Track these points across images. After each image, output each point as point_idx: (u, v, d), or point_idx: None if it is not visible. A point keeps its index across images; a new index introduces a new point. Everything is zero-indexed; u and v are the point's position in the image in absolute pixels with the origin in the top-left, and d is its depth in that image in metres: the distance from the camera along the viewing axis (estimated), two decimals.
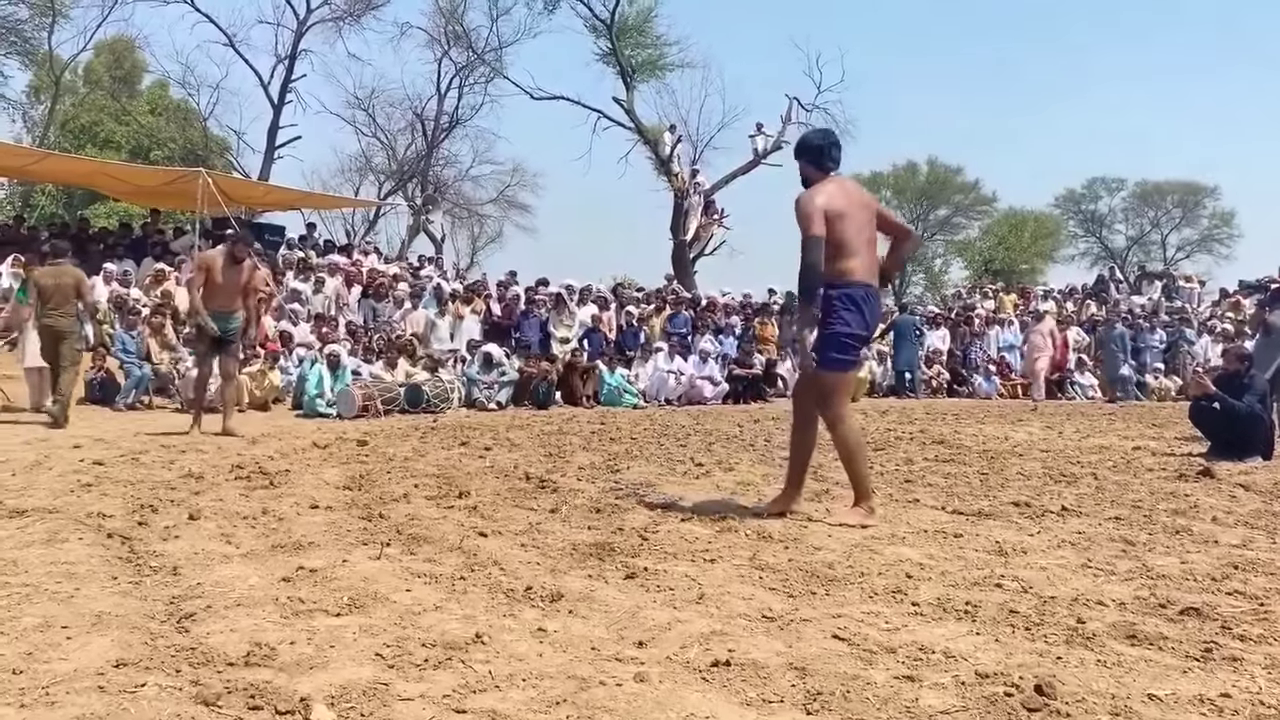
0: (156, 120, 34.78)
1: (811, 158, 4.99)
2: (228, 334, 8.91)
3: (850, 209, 4.89)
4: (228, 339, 8.94)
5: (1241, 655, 2.91)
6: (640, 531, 4.58)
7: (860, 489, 5.04)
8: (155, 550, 4.04)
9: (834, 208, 4.80)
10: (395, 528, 4.57)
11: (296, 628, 3.01)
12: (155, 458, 6.92)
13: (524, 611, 3.23)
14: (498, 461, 7.12)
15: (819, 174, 4.96)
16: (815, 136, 5.17)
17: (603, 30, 29.25)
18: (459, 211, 39.07)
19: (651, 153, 29.90)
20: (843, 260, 4.81)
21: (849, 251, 4.83)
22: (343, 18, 32.00)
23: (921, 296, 39.85)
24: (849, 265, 4.84)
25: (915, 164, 45.34)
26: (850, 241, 4.83)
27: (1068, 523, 5.13)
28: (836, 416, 4.96)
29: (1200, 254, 44.24)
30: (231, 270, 8.80)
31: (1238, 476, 7.00)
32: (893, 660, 2.82)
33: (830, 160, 4.98)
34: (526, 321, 15.68)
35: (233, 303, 8.88)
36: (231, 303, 8.88)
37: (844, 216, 4.82)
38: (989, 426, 11.33)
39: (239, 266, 8.86)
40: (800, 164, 5.04)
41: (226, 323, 8.87)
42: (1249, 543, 4.70)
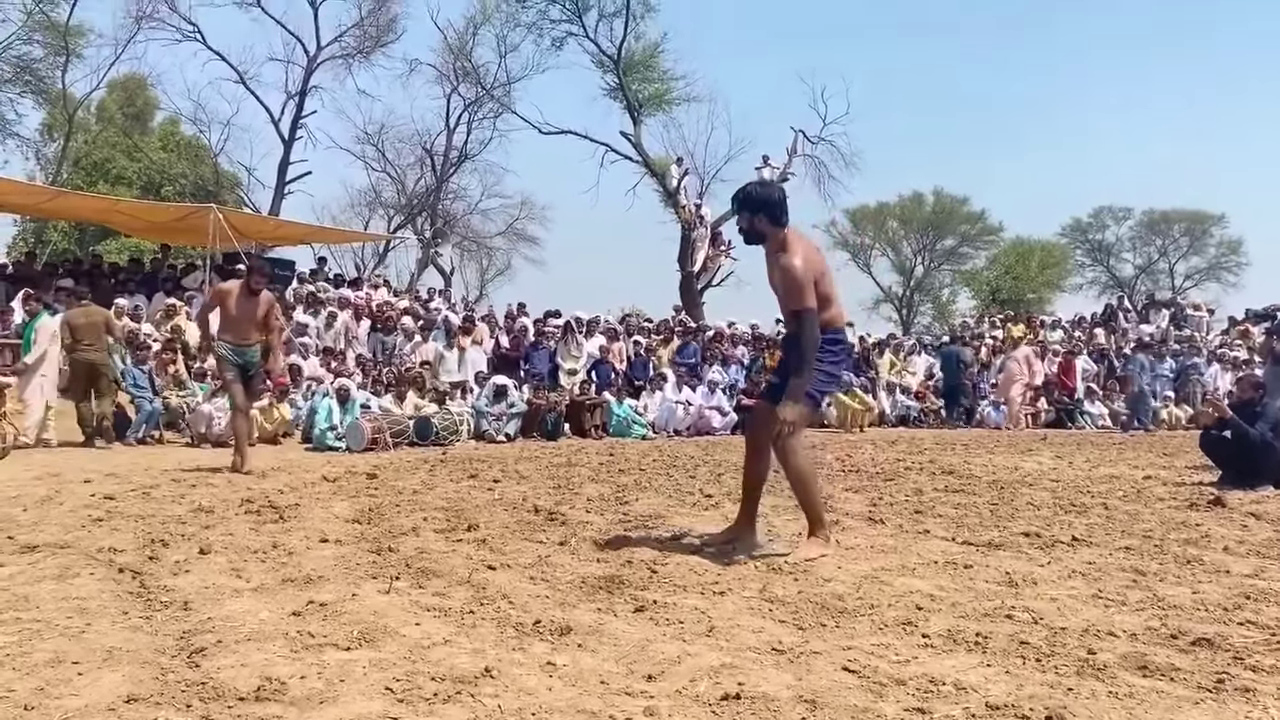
0: (168, 156, 35.12)
1: (771, 212, 4.84)
2: (247, 366, 8.69)
3: (820, 263, 4.90)
4: (247, 371, 8.71)
5: (1254, 686, 2.90)
6: (649, 564, 4.57)
7: (814, 518, 4.98)
8: (166, 585, 4.05)
9: (814, 269, 4.79)
10: (405, 561, 4.57)
11: (307, 661, 3.02)
12: (166, 492, 6.94)
13: (533, 645, 3.23)
14: (506, 494, 7.13)
15: (776, 229, 4.85)
16: (773, 190, 5.05)
17: (610, 66, 29.50)
18: (468, 244, 39.34)
19: (659, 185, 30.07)
20: (826, 312, 4.82)
21: (829, 303, 4.85)
22: (352, 55, 32.38)
23: (929, 326, 39.81)
24: (831, 315, 4.87)
25: (921, 194, 45.51)
26: (828, 294, 4.84)
27: (1078, 553, 5.11)
28: (791, 449, 4.85)
29: (1208, 282, 44.24)
30: (248, 302, 8.59)
31: (1249, 505, 6.96)
32: (903, 692, 2.81)
33: (786, 214, 4.88)
34: (535, 353, 15.73)
35: (249, 334, 8.65)
36: (247, 334, 8.64)
37: (822, 274, 4.85)
38: (998, 456, 11.29)
39: (255, 298, 8.63)
40: (754, 220, 4.86)
41: (243, 355, 8.64)
42: (1261, 572, 4.68)
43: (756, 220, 4.86)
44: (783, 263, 4.74)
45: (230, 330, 8.57)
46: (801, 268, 4.70)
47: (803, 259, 4.73)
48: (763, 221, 4.85)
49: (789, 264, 4.71)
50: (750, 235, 4.95)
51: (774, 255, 4.85)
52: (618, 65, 29.10)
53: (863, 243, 46.32)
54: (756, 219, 4.86)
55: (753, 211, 4.86)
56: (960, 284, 46.98)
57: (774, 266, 4.86)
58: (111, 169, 34.15)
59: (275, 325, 9.00)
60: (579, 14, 29.49)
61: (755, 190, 4.99)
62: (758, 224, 4.86)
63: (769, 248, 4.90)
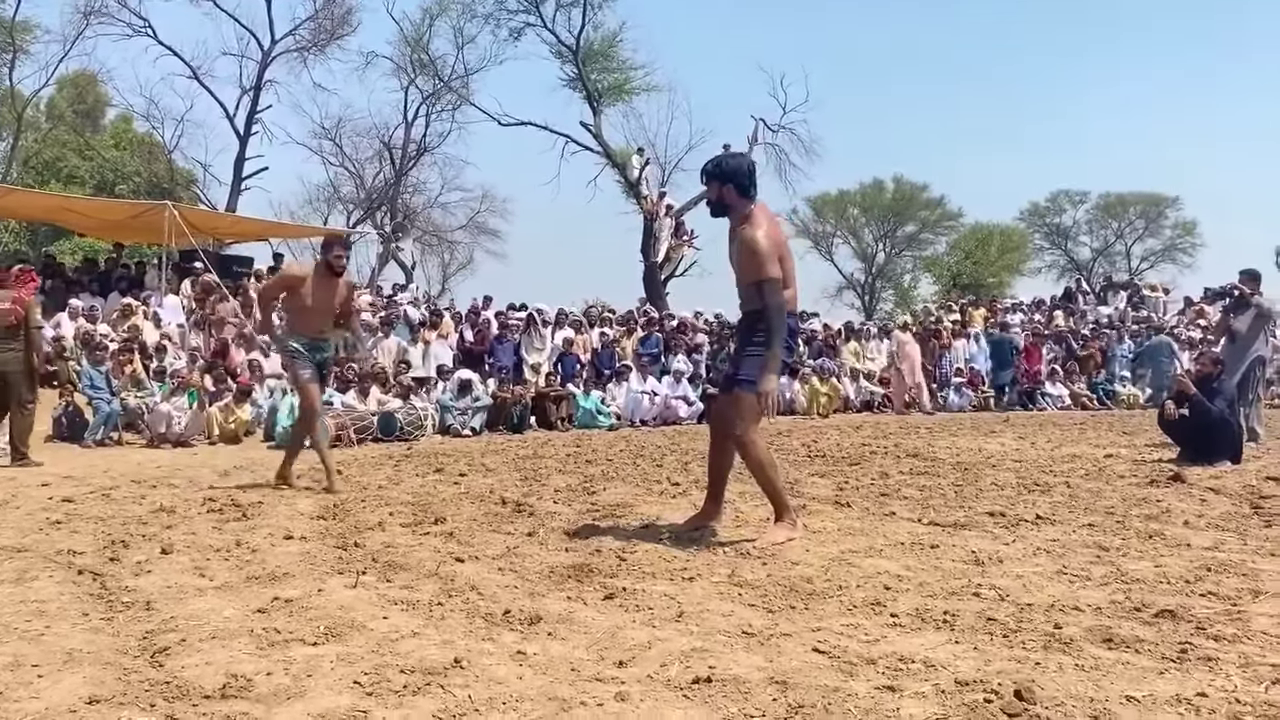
0: (121, 154, 34.55)
1: (739, 183, 4.81)
2: (324, 363, 7.38)
3: (783, 242, 4.90)
4: (323, 369, 7.40)
5: (1216, 655, 2.94)
6: (618, 552, 4.56)
7: (778, 504, 4.98)
8: (127, 585, 3.99)
9: (778, 246, 4.79)
10: (371, 556, 4.53)
11: (273, 658, 2.98)
12: (126, 493, 6.83)
13: (503, 635, 3.22)
14: (473, 487, 7.09)
15: (744, 201, 4.82)
16: (742, 161, 5.02)
17: (568, 56, 29.36)
18: (429, 239, 39.05)
19: (620, 176, 29.99)
20: (785, 291, 4.77)
21: (788, 283, 4.80)
22: (307, 48, 31.95)
23: (892, 313, 40.10)
24: (789, 296, 4.80)
25: (882, 181, 45.77)
26: (789, 273, 4.82)
27: (1043, 531, 5.17)
28: (749, 438, 4.87)
29: (1164, 263, 44.87)
30: (327, 286, 7.07)
31: (1208, 480, 7.08)
32: (873, 671, 2.83)
33: (755, 186, 4.87)
34: (500, 346, 15.65)
35: (327, 327, 7.26)
36: (325, 327, 7.23)
37: (785, 254, 4.84)
38: (962, 439, 11.39)
39: (335, 282, 7.13)
40: (723, 190, 4.83)
41: (322, 351, 7.28)
42: (1220, 545, 4.76)
43: (725, 190, 4.83)
44: (746, 234, 4.73)
45: (305, 322, 7.11)
46: (765, 240, 4.70)
47: (766, 233, 4.73)
48: (730, 192, 4.83)
49: (751, 235, 4.70)
50: (717, 207, 4.94)
51: (738, 228, 4.81)
52: (576, 55, 28.97)
53: (824, 230, 46.53)
54: (725, 189, 4.83)
55: (722, 182, 4.83)
56: (921, 270, 47.34)
57: (736, 239, 4.83)
58: (63, 168, 33.56)
59: (353, 310, 7.72)
60: (536, 4, 29.32)
61: (725, 161, 4.96)
62: (726, 195, 4.84)
63: (734, 220, 4.87)
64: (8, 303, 8.74)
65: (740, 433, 4.87)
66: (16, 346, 8.76)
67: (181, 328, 14.73)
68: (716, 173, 4.88)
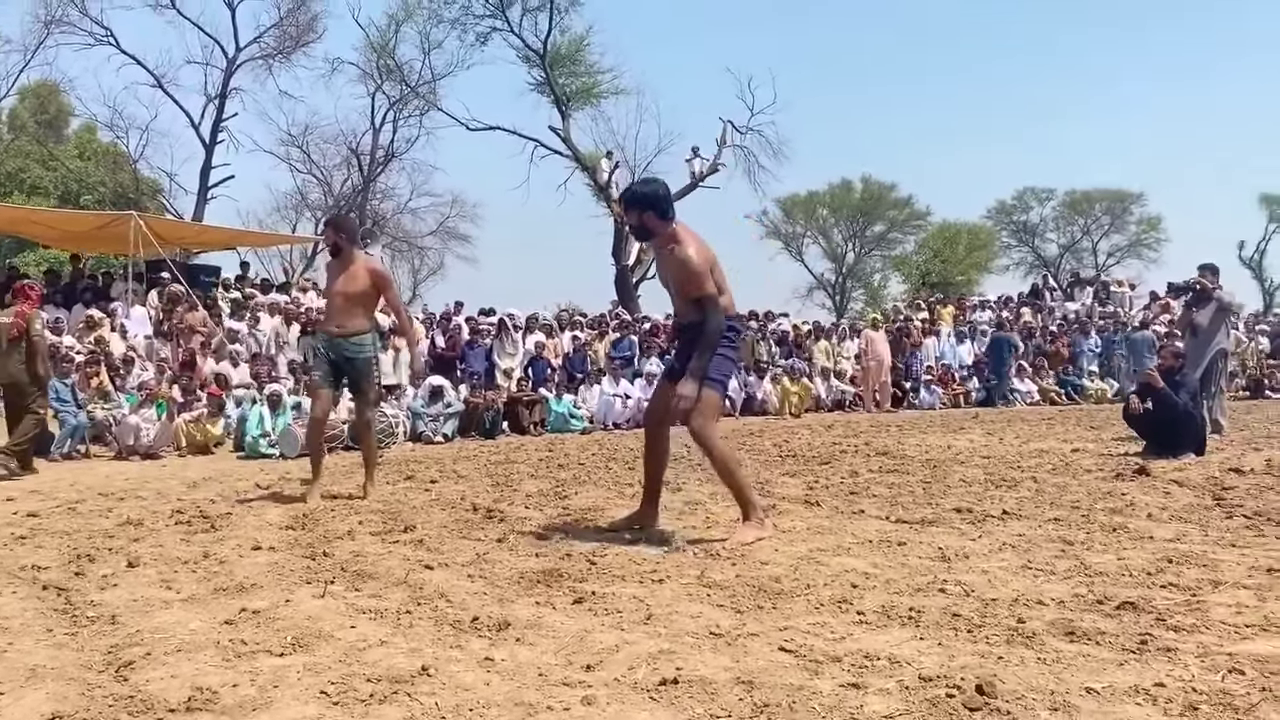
0: (85, 164, 34.20)
1: (658, 207, 4.94)
2: (348, 366, 6.64)
3: (711, 254, 4.98)
4: (351, 372, 6.70)
5: (1175, 645, 2.99)
6: (588, 556, 4.57)
7: (745, 503, 5.05)
8: (92, 600, 3.95)
9: (707, 259, 4.90)
10: (340, 565, 4.52)
11: (239, 670, 2.97)
12: (92, 506, 6.77)
13: (471, 642, 3.22)
14: (444, 494, 7.07)
15: (664, 224, 4.95)
16: (655, 186, 5.09)
17: (536, 60, 29.36)
18: (399, 245, 38.90)
19: (590, 179, 30.04)
20: (722, 298, 4.90)
21: (723, 289, 4.94)
22: (273, 55, 31.77)
23: (862, 311, 40.31)
24: (725, 302, 4.92)
25: (850, 182, 46.02)
26: (720, 283, 4.94)
27: (1009, 526, 5.22)
28: (710, 437, 4.95)
29: (1130, 259, 45.37)
30: (334, 273, 6.63)
31: (1172, 474, 7.17)
32: (838, 669, 2.85)
33: (672, 208, 5.01)
34: (471, 352, 15.61)
35: (344, 319, 6.57)
36: (342, 319, 6.56)
37: (714, 264, 4.96)
38: (931, 436, 11.48)
39: (346, 267, 6.57)
40: (643, 216, 4.95)
41: (341, 349, 6.59)
42: (1182, 537, 4.83)
43: (645, 217, 4.97)
44: (678, 255, 4.86)
45: (324, 314, 6.66)
46: (697, 257, 4.83)
47: (696, 249, 4.86)
48: (651, 218, 4.96)
49: (685, 255, 4.83)
50: (640, 231, 5.11)
51: (666, 249, 4.95)
52: (544, 59, 28.97)
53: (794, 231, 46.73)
54: (645, 216, 4.97)
55: (641, 209, 4.97)
56: (891, 269, 47.63)
57: (666, 260, 4.98)
58: (26, 179, 33.15)
59: (395, 305, 7.07)
60: (503, 9, 29.30)
61: (639, 189, 5.10)
62: (646, 221, 4.97)
63: (658, 243, 5.03)
64: (10, 316, 9.13)
65: (699, 427, 4.93)
66: (19, 357, 9.10)
67: (149, 339, 14.59)
68: (634, 201, 5.03)
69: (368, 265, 6.71)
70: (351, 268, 6.57)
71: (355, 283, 6.54)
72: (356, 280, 6.55)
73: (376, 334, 6.87)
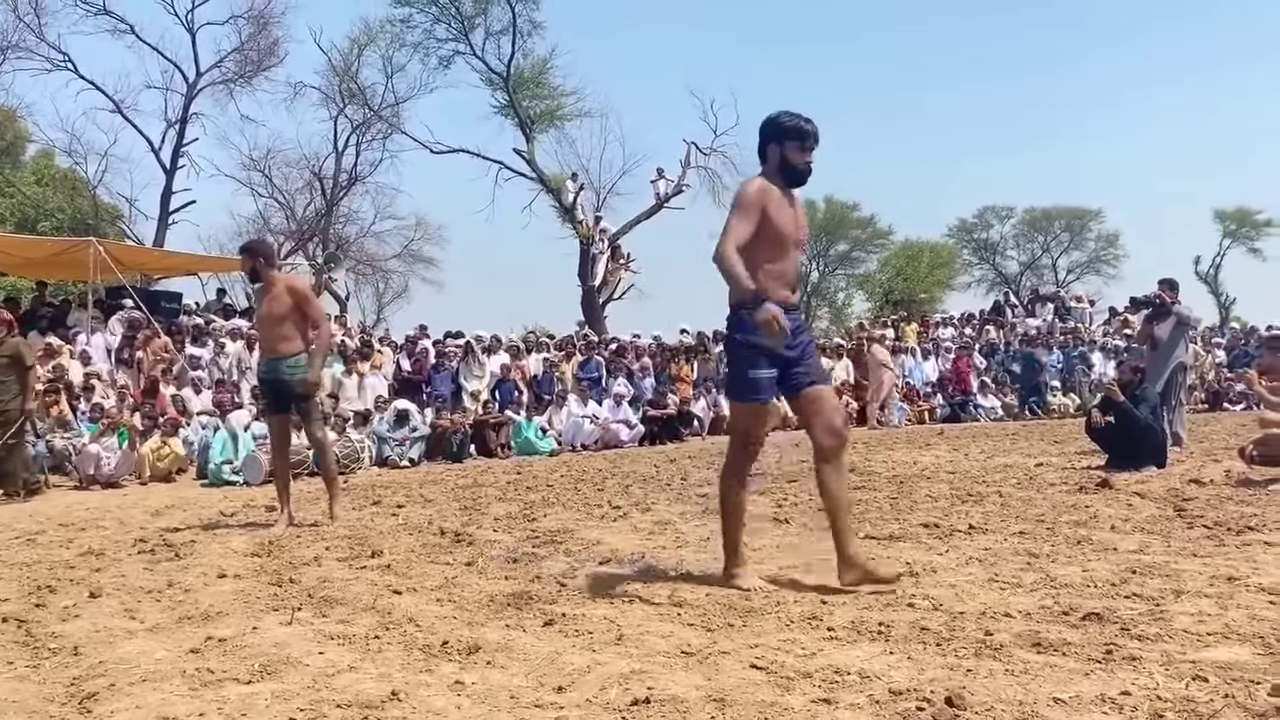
0: (43, 191, 33.74)
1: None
2: (286, 388, 6.63)
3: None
4: (290, 394, 6.65)
5: (1140, 655, 3.03)
6: (558, 578, 4.57)
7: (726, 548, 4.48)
8: (54, 631, 3.89)
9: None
10: (307, 591, 4.47)
11: (206, 699, 2.93)
12: (52, 537, 6.66)
13: (441, 666, 3.20)
14: (411, 518, 7.03)
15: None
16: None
17: (499, 83, 29.38)
18: (363, 268, 38.64)
19: (555, 201, 30.04)
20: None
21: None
22: (234, 80, 31.52)
23: (827, 330, 40.58)
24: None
25: (813, 201, 46.29)
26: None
27: (975, 540, 5.27)
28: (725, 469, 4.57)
29: (1089, 275, 45.92)
30: (260, 298, 6.72)
31: (1134, 486, 7.28)
32: (809, 685, 2.86)
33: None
34: (437, 375, 15.54)
35: (279, 341, 6.59)
36: (278, 342, 6.60)
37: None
38: (898, 452, 11.56)
39: (267, 290, 6.63)
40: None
41: (278, 371, 6.61)
42: (1145, 548, 4.89)
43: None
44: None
45: (260, 341, 6.80)
46: None
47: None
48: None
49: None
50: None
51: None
52: (507, 83, 29.01)
53: None
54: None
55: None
56: (855, 287, 47.95)
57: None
58: None
59: (317, 317, 6.79)
60: (465, 32, 29.31)
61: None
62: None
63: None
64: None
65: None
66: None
67: (110, 366, 14.40)
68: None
69: (287, 284, 6.74)
70: (273, 290, 6.62)
71: (279, 304, 6.57)
72: (279, 301, 6.58)
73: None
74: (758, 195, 4.22)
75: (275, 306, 6.58)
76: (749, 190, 4.25)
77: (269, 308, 6.61)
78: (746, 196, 4.22)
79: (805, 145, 4.35)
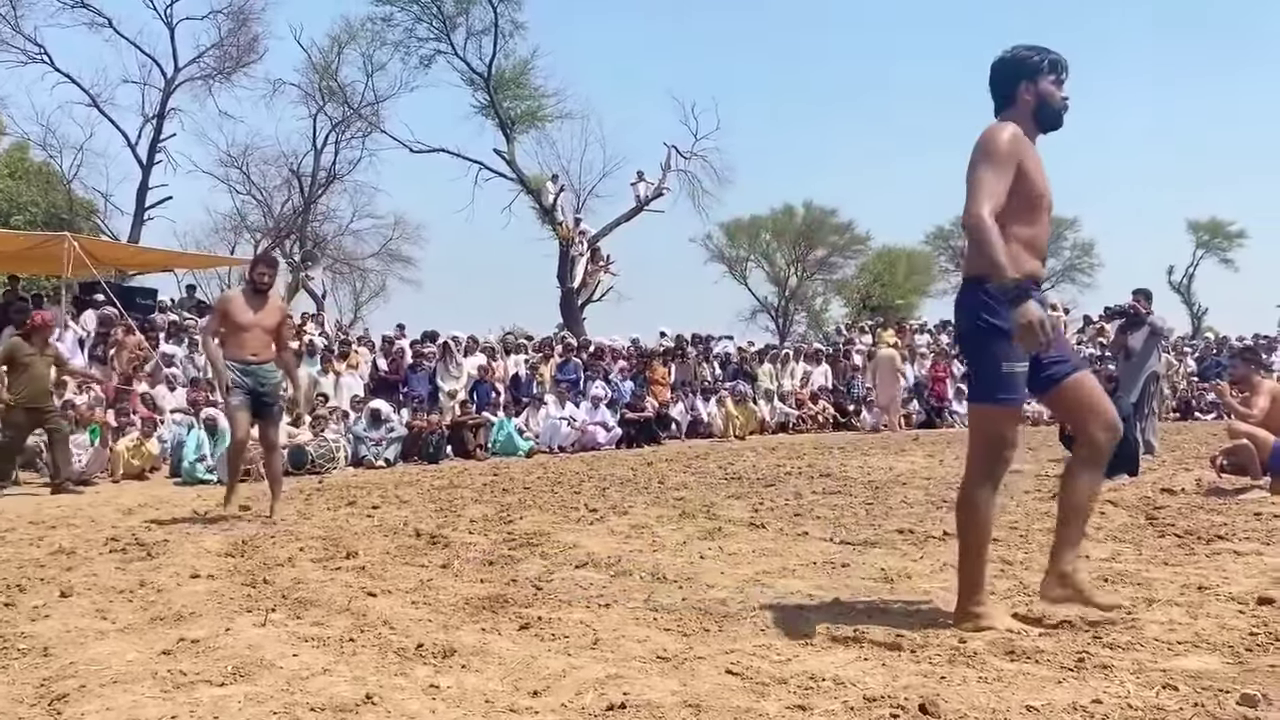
0: (16, 184, 33.37)
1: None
2: (264, 391, 7.15)
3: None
4: (265, 398, 7.18)
5: (1111, 663, 3.05)
6: (534, 581, 4.56)
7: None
8: (23, 632, 3.84)
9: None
10: (280, 593, 4.45)
11: (178, 701, 2.91)
12: (22, 535, 6.59)
13: (415, 669, 3.19)
14: (386, 519, 7.00)
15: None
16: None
17: (480, 84, 29.35)
18: (340, 267, 38.43)
19: (535, 202, 30.04)
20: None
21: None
22: (212, 75, 31.32)
23: (805, 335, 40.70)
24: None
25: (792, 207, 46.45)
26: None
27: (950, 546, 5.27)
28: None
29: (1064, 283, 46.27)
30: (256, 306, 7.12)
31: (1107, 494, 7.32)
32: (784, 691, 2.87)
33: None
34: (414, 375, 15.49)
35: (265, 349, 7.16)
36: (263, 349, 7.15)
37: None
38: (874, 458, 11.61)
39: (265, 301, 7.18)
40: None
41: (259, 377, 7.13)
42: (1117, 555, 4.94)
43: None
44: None
45: (237, 345, 7.07)
46: None
47: None
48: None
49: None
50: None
51: None
52: (488, 83, 28.98)
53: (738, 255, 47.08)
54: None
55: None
56: (832, 293, 48.13)
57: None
58: None
59: (287, 340, 7.59)
60: (447, 32, 29.28)
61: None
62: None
63: None
64: None
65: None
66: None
67: (83, 362, 14.25)
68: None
69: (278, 303, 7.46)
70: (270, 303, 7.25)
71: (272, 317, 7.23)
72: (273, 315, 7.25)
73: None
74: (1012, 144, 3.52)
75: (270, 319, 7.19)
76: (1001, 137, 3.53)
77: (264, 318, 7.14)
78: (999, 144, 3.51)
79: (1060, 78, 3.69)
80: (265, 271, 7.30)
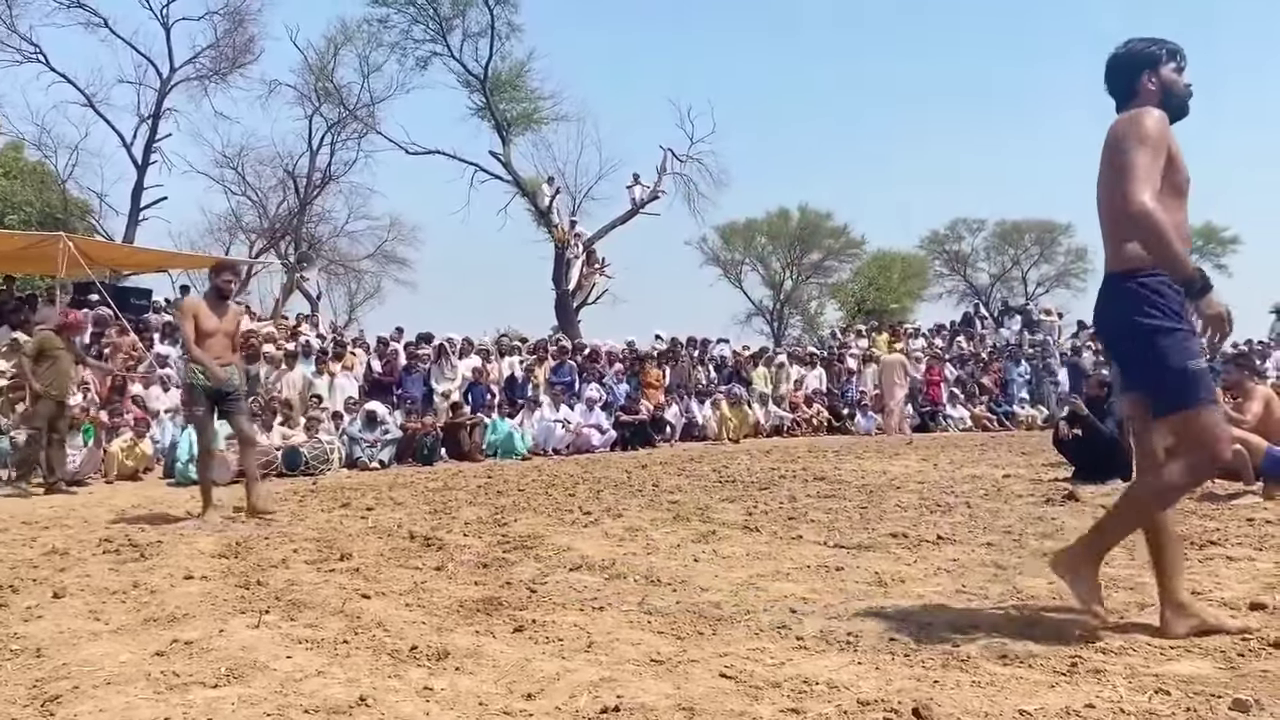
0: (11, 184, 33.29)
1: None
2: (229, 392, 7.45)
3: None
4: (230, 396, 7.49)
5: (1104, 667, 3.06)
6: (528, 584, 4.56)
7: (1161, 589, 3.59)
8: (16, 632, 3.84)
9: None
10: (274, 594, 4.44)
11: (171, 702, 2.90)
12: (16, 535, 6.57)
13: (409, 671, 3.19)
14: (380, 521, 6.99)
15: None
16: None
17: (476, 85, 29.34)
18: (335, 268, 38.38)
19: (531, 205, 30.04)
20: None
21: None
22: (208, 76, 31.28)
23: (799, 338, 40.73)
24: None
25: (787, 210, 46.50)
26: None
27: (943, 551, 5.31)
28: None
29: (1058, 288, 46.34)
30: (218, 312, 7.44)
31: (1100, 499, 7.35)
32: (778, 694, 2.88)
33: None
34: (409, 377, 15.47)
35: (227, 352, 7.48)
36: (226, 353, 7.47)
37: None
38: (868, 461, 11.63)
39: (226, 307, 7.57)
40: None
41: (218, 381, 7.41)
42: (1110, 560, 4.93)
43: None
44: None
45: (209, 350, 7.36)
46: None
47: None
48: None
49: None
50: None
51: None
52: (484, 85, 28.97)
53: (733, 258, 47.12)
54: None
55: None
56: (827, 296, 48.16)
57: None
58: None
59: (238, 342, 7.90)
60: (443, 34, 29.27)
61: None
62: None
63: None
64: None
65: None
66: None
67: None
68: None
69: (237, 308, 7.88)
70: (232, 310, 7.69)
71: (232, 322, 7.63)
72: (234, 320, 7.68)
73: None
74: (1161, 128, 3.39)
75: (232, 325, 7.60)
76: (1150, 122, 3.39)
77: (227, 324, 7.51)
78: (1149, 128, 3.37)
79: (1180, 66, 3.59)
80: (231, 279, 7.74)
